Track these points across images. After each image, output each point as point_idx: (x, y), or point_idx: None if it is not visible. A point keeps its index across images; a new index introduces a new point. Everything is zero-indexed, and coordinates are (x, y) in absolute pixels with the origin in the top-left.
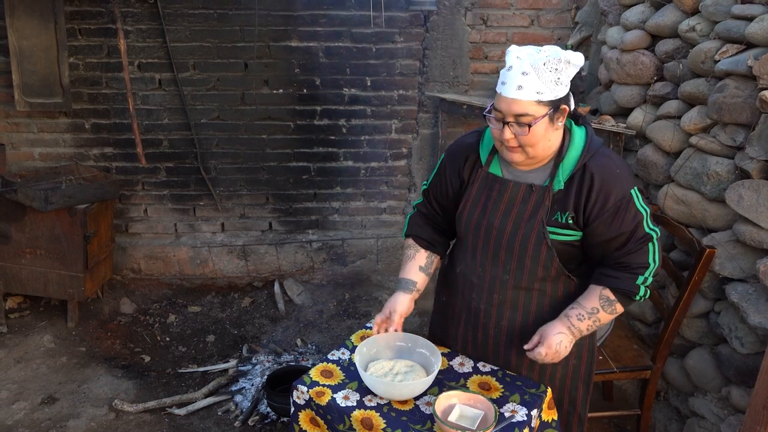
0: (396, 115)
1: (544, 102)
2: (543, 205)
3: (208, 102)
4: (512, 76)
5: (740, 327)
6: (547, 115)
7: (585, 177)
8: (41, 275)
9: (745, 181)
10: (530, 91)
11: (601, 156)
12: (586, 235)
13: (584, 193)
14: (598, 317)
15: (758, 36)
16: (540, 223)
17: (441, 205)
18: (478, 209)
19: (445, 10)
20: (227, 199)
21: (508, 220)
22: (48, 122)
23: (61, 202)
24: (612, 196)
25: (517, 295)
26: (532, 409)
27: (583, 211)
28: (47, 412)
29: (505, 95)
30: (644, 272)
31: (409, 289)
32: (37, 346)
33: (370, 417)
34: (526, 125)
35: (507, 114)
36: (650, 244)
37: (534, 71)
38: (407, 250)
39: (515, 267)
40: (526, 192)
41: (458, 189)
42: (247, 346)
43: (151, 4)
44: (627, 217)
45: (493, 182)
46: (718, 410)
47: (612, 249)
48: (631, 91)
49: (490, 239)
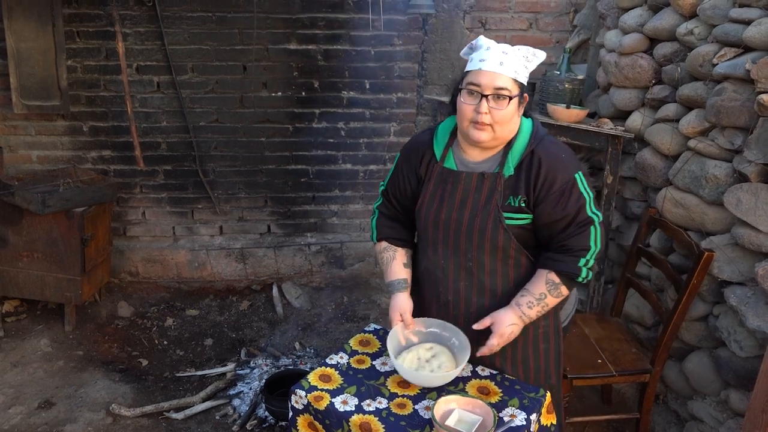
0: (394, 117)
1: (518, 82)
2: (496, 191)
3: (206, 105)
4: (493, 55)
5: (739, 330)
6: (518, 96)
7: (533, 161)
8: (38, 279)
9: (743, 185)
10: (510, 68)
11: (548, 142)
12: (535, 217)
13: (533, 176)
14: (546, 302)
15: (756, 39)
16: (495, 209)
17: (401, 203)
18: (435, 203)
19: (444, 14)
20: (225, 202)
21: (464, 209)
22: (46, 125)
23: (59, 205)
24: (558, 179)
25: (482, 280)
26: (531, 414)
27: (532, 193)
28: (44, 417)
29: (487, 69)
30: (586, 254)
31: (404, 288)
32: (34, 349)
33: (369, 422)
34: (506, 98)
35: (487, 87)
36: (592, 227)
37: (512, 53)
38: (384, 253)
39: (476, 254)
40: (478, 180)
41: (416, 186)
42: (246, 349)
43: (149, 6)
44: (571, 200)
45: (448, 176)
46: (717, 414)
47: (556, 231)
48: (629, 94)
49: (449, 231)
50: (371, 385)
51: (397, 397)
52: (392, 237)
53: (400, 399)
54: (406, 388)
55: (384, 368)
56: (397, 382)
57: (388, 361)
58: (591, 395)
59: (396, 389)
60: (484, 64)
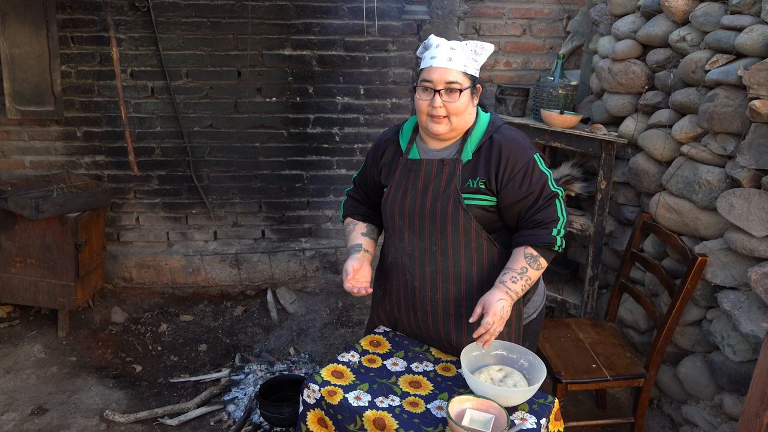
0: (389, 123)
1: (468, 75)
2: (455, 175)
3: (200, 110)
4: (442, 51)
5: (732, 335)
6: (469, 88)
7: (493, 147)
8: (31, 284)
9: (736, 190)
10: (459, 62)
11: (505, 129)
12: (501, 198)
13: (493, 160)
14: (528, 276)
15: (748, 46)
16: (454, 190)
17: (366, 193)
18: (400, 192)
19: (438, 19)
20: (220, 208)
21: (426, 194)
22: (39, 130)
23: (52, 210)
24: (519, 161)
25: (446, 265)
26: (541, 418)
27: (495, 177)
28: (37, 423)
29: (437, 65)
30: (557, 225)
31: (357, 250)
32: (27, 356)
33: (383, 417)
34: (457, 91)
35: (438, 82)
36: (557, 200)
37: (460, 48)
38: (347, 227)
39: (440, 237)
40: (438, 166)
41: (377, 178)
42: (240, 355)
43: (144, 12)
44: (534, 178)
45: (411, 165)
46: (711, 418)
47: (525, 207)
48: (622, 100)
49: (414, 216)
50: (383, 384)
51: (409, 396)
52: (356, 213)
53: (412, 398)
54: (417, 388)
55: (395, 368)
56: (408, 382)
57: (398, 362)
58: (586, 400)
59: (408, 389)
60: (434, 61)
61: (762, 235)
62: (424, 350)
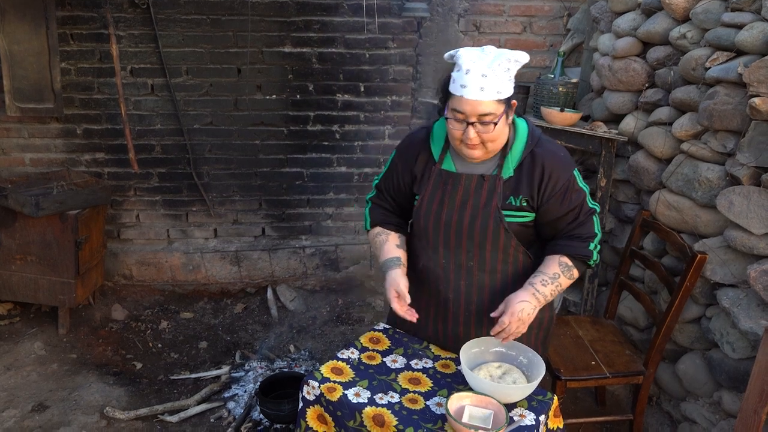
0: (389, 120)
1: (503, 100)
2: (496, 192)
3: (201, 107)
4: (472, 79)
5: (731, 332)
6: (504, 112)
7: (535, 163)
8: (32, 281)
9: (735, 188)
10: (491, 91)
11: (545, 142)
12: (541, 214)
13: (536, 177)
14: (559, 282)
15: (748, 43)
16: (495, 209)
17: (395, 199)
18: (434, 205)
19: (438, 17)
20: (220, 205)
21: (465, 210)
22: (39, 127)
23: (53, 207)
24: (561, 177)
25: (483, 279)
26: (540, 415)
27: (537, 193)
28: (37, 420)
29: (469, 98)
30: (594, 240)
31: (398, 265)
32: (27, 353)
33: (382, 414)
34: (491, 123)
35: (471, 115)
36: (594, 216)
37: (492, 72)
38: (378, 237)
39: (477, 253)
40: (478, 182)
41: (410, 184)
42: (240, 352)
43: (143, 9)
44: (573, 195)
45: (447, 177)
46: (709, 415)
47: (565, 224)
48: (622, 98)
49: (450, 232)
50: (383, 380)
51: (409, 392)
52: (385, 222)
53: (412, 395)
54: (417, 385)
55: (395, 365)
56: (408, 379)
57: (398, 359)
58: (585, 397)
59: (407, 385)
60: (465, 91)
61: (761, 232)
62: (424, 347)
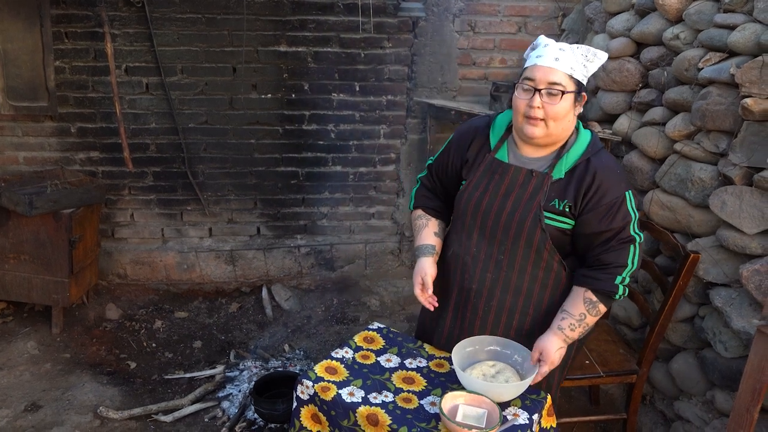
0: (384, 120)
1: (574, 79)
2: (541, 190)
3: (196, 106)
4: (549, 51)
5: (724, 331)
6: (573, 93)
7: (588, 170)
8: (25, 281)
9: (728, 187)
10: (566, 64)
11: (604, 155)
12: (578, 224)
13: (585, 185)
14: (586, 322)
15: (740, 45)
16: (537, 207)
17: (442, 181)
18: (479, 190)
19: (434, 17)
20: (215, 204)
21: (507, 201)
22: (33, 126)
23: (46, 206)
24: (609, 193)
25: (510, 276)
26: (533, 414)
27: (581, 200)
28: (30, 420)
29: (542, 64)
30: (622, 272)
31: (430, 253)
32: (20, 352)
33: (376, 413)
34: (559, 93)
35: (540, 82)
36: (632, 246)
37: (570, 50)
38: (418, 220)
39: (510, 247)
40: (526, 176)
41: (459, 169)
42: (235, 351)
43: (138, 8)
44: (618, 216)
45: (497, 167)
46: (702, 414)
47: (597, 243)
48: (616, 98)
49: (487, 219)
50: (377, 380)
51: (403, 392)
52: (428, 206)
53: (406, 394)
54: (411, 384)
55: (389, 365)
56: (402, 378)
57: (392, 358)
58: (579, 396)
59: (401, 384)
60: (539, 60)
61: (753, 232)
62: (418, 347)
